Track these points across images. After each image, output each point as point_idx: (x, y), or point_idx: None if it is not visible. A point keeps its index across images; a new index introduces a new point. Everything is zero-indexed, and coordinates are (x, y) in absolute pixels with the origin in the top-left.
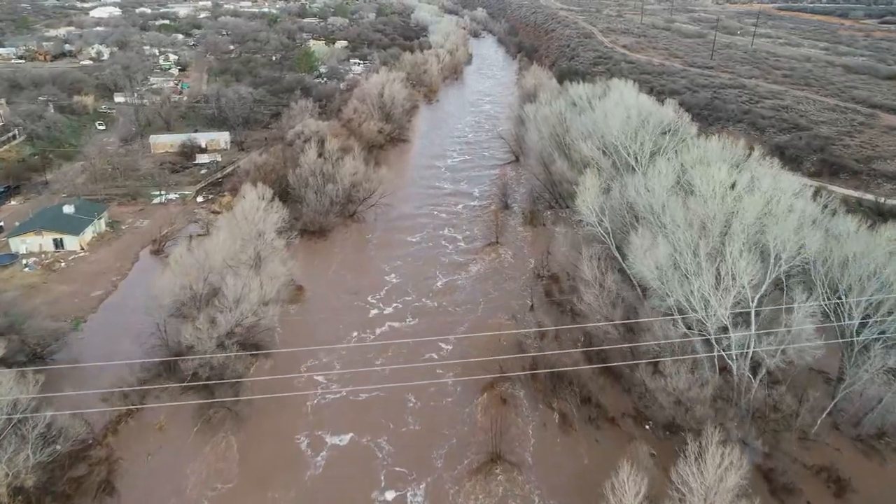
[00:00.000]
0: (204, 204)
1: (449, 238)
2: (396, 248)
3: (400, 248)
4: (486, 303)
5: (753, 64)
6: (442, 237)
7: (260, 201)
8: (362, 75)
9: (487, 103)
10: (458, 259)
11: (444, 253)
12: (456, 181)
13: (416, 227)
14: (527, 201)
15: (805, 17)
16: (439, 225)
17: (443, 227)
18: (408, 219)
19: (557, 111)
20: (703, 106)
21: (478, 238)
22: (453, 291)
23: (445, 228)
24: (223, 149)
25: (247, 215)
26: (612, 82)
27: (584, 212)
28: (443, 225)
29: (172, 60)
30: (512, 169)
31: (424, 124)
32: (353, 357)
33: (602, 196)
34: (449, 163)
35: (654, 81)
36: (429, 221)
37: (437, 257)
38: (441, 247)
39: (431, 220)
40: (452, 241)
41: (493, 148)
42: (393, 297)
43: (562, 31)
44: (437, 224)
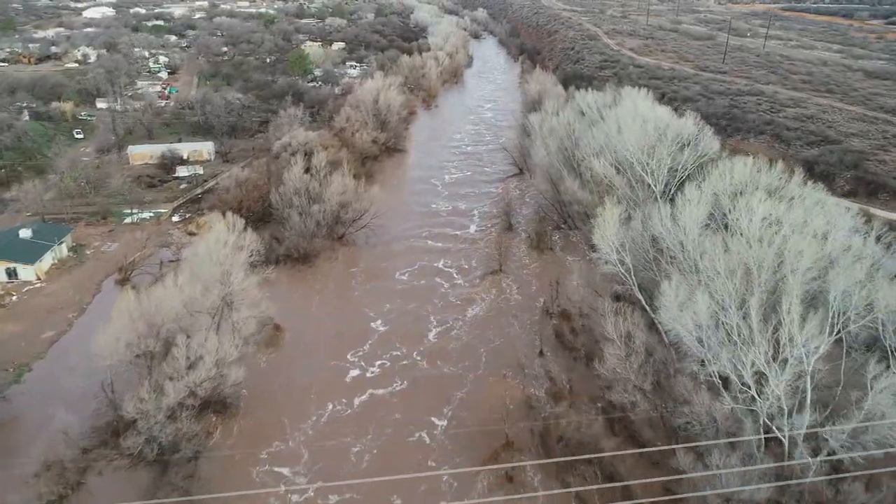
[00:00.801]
0: (180, 224)
1: (444, 272)
2: (385, 283)
3: (389, 284)
4: (487, 352)
5: (768, 68)
6: (437, 271)
7: (229, 234)
8: (357, 80)
9: (488, 110)
10: (454, 299)
11: (438, 291)
12: (454, 200)
13: (409, 257)
14: (533, 221)
15: (809, 17)
16: (434, 255)
17: (438, 258)
18: (400, 245)
19: (565, 122)
20: (721, 115)
21: (477, 269)
22: (449, 341)
23: (441, 259)
24: (206, 160)
25: (212, 253)
26: (625, 91)
27: (603, 248)
28: (438, 254)
29: (162, 63)
30: (516, 183)
31: (422, 132)
32: (326, 438)
33: (621, 227)
34: (446, 178)
35: (664, 87)
36: (423, 250)
37: (431, 296)
38: (436, 283)
39: (426, 248)
40: (448, 276)
41: (494, 161)
42: (378, 352)
43: (565, 33)
44: (431, 254)
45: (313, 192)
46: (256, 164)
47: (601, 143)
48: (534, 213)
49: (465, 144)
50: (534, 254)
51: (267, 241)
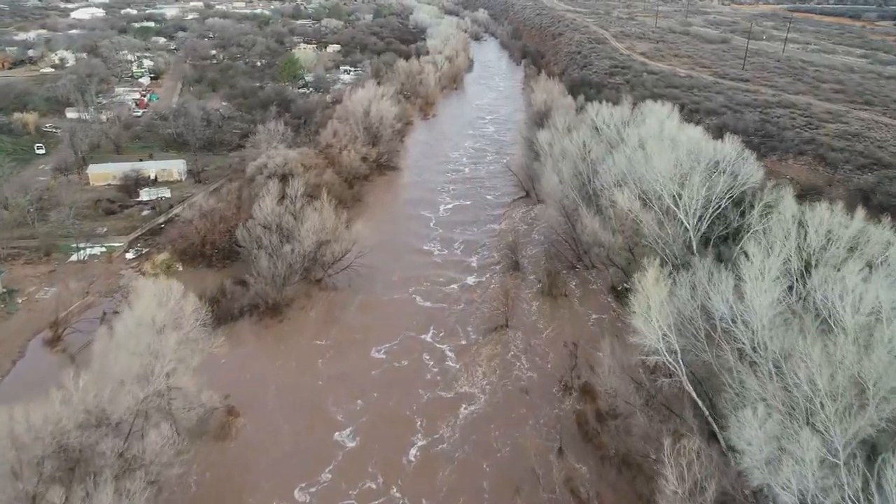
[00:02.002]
0: (135, 261)
1: (435, 350)
2: (360, 362)
3: (364, 365)
4: (492, 469)
5: (792, 75)
6: (424, 345)
7: (158, 308)
8: (350, 87)
9: (490, 122)
10: (445, 390)
11: (425, 376)
12: (449, 240)
13: (391, 323)
14: (543, 260)
15: (815, 18)
16: (422, 319)
17: (427, 324)
18: (384, 300)
19: (579, 143)
20: (753, 131)
21: (475, 338)
22: (440, 461)
23: (430, 328)
24: (177, 180)
25: (133, 333)
26: (646, 106)
27: (647, 333)
28: (427, 319)
29: (146, 67)
30: (522, 210)
31: (418, 147)
32: None
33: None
34: (441, 212)
35: (683, 97)
36: (409, 313)
37: (416, 385)
38: (422, 364)
39: (413, 310)
40: (438, 354)
41: (497, 185)
42: (342, 486)
43: (571, 36)
44: (419, 318)
45: (287, 227)
46: (226, 189)
47: (623, 170)
48: (544, 250)
49: (464, 165)
50: (546, 302)
51: (229, 288)
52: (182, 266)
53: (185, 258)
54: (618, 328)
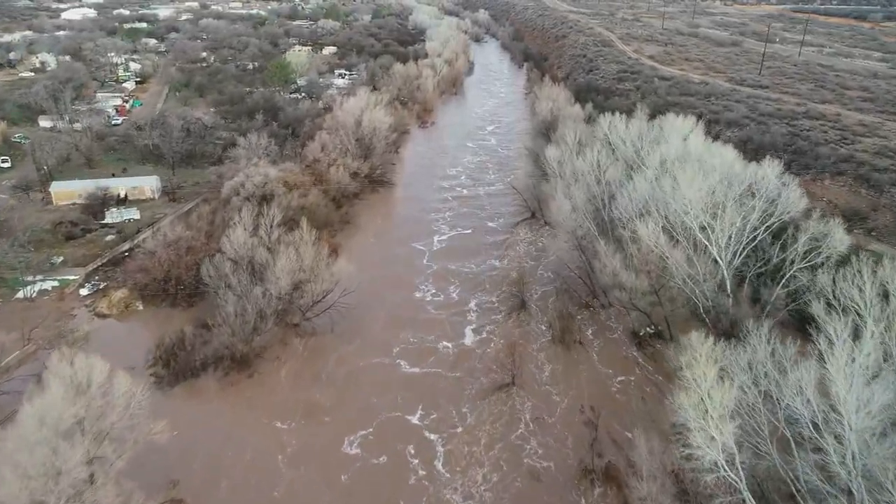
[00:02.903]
0: (90, 298)
1: (423, 443)
2: (327, 458)
3: (332, 463)
4: None
5: (813, 81)
6: (409, 431)
7: (74, 398)
8: (342, 93)
9: (491, 133)
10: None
11: (408, 480)
12: (444, 283)
13: (372, 397)
14: (553, 297)
15: (820, 18)
16: (409, 394)
17: (414, 401)
18: (363, 365)
19: (593, 162)
20: (782, 147)
21: (471, 414)
22: None
23: (418, 406)
24: (150, 199)
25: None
26: (667, 121)
27: (703, 444)
28: (414, 393)
29: (133, 70)
30: (528, 233)
31: (414, 161)
32: None
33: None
34: (437, 244)
35: (700, 106)
36: (392, 382)
37: (396, 497)
38: (404, 462)
39: (397, 380)
40: (427, 447)
41: (499, 208)
42: None
43: (575, 38)
44: (404, 392)
45: (261, 263)
46: (197, 214)
47: (644, 196)
48: (554, 286)
49: (464, 183)
50: (558, 353)
51: (189, 338)
52: (142, 304)
53: (146, 295)
54: (647, 394)
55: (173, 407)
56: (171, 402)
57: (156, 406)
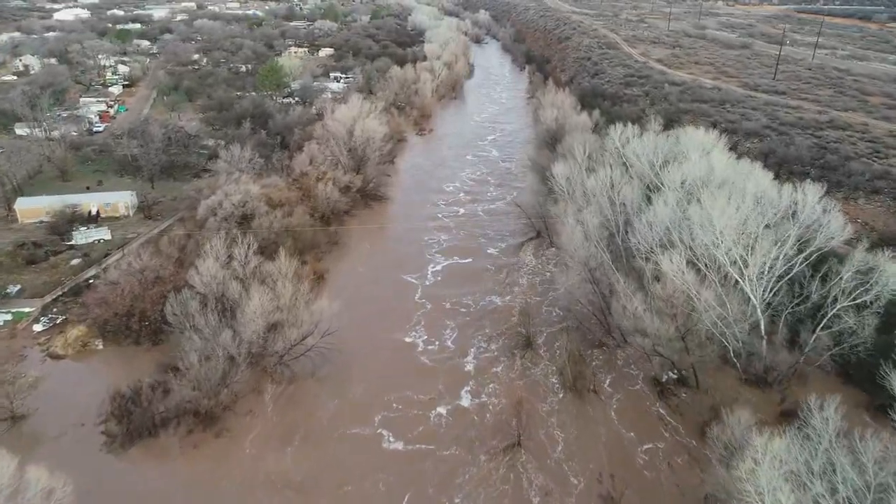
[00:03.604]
0: (45, 334)
1: None
2: None
3: None
4: None
5: (831, 86)
6: None
7: None
8: (333, 101)
9: (492, 144)
10: None
11: None
12: (438, 326)
13: (347, 488)
14: (563, 335)
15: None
16: (392, 480)
17: (398, 491)
18: (337, 432)
19: (605, 182)
20: (808, 161)
21: None
22: None
23: (403, 499)
24: (124, 216)
25: None
26: (685, 133)
27: None
28: (399, 480)
29: (122, 74)
30: (533, 257)
31: (410, 173)
32: None
33: None
34: (431, 276)
35: (715, 114)
36: (372, 466)
37: None
38: None
39: (377, 463)
40: None
41: (501, 233)
42: None
43: (579, 40)
44: (387, 479)
45: (233, 299)
46: (169, 237)
47: (665, 222)
48: (563, 324)
49: (462, 202)
50: (570, 403)
51: (146, 390)
52: (102, 343)
53: (107, 332)
54: (675, 461)
55: (125, 473)
56: (123, 466)
57: (105, 472)
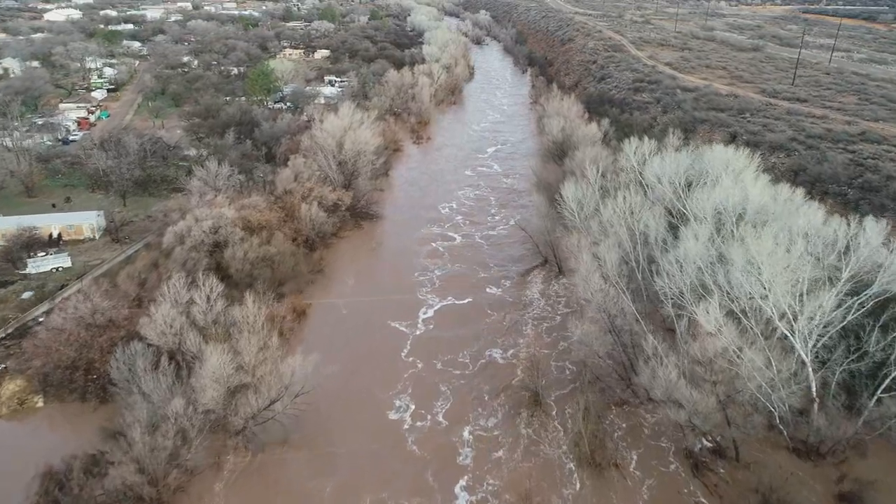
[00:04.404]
0: None
1: None
2: None
3: None
4: None
5: (854, 93)
6: None
7: None
8: (324, 108)
9: (493, 157)
10: None
11: None
12: (429, 393)
13: None
14: (577, 393)
15: (828, 19)
16: None
17: None
18: None
19: (624, 209)
20: (845, 180)
21: None
22: None
23: None
24: (89, 239)
25: None
26: (711, 151)
27: None
28: None
29: (108, 77)
30: (540, 294)
31: (405, 189)
32: None
33: None
34: (421, 323)
35: (735, 125)
36: None
37: None
38: None
39: None
40: None
41: (503, 264)
42: None
43: (583, 42)
44: None
45: (191, 353)
46: (127, 273)
47: (695, 260)
48: (577, 381)
49: (460, 227)
50: (589, 482)
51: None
52: (43, 399)
53: (49, 387)
54: None
55: None
56: None
57: None
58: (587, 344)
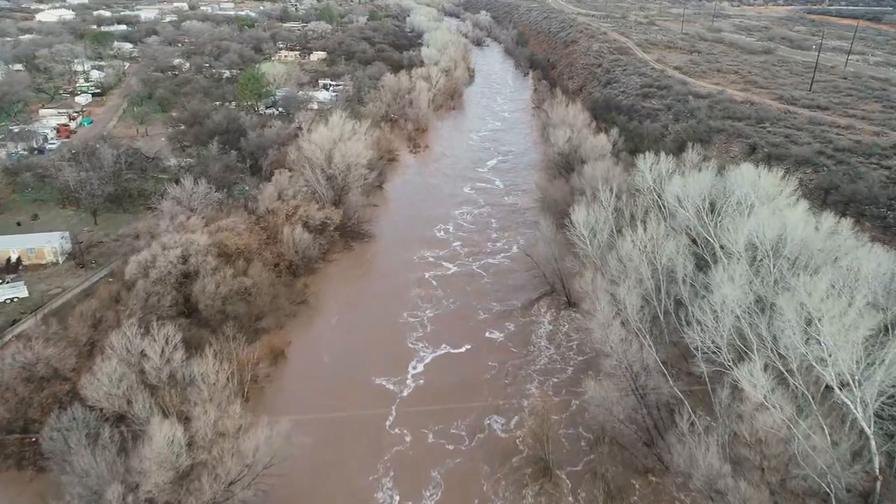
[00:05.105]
0: None
1: None
2: None
3: None
4: None
5: (876, 99)
6: None
7: None
8: (314, 116)
9: (494, 170)
10: None
11: None
12: (417, 481)
13: None
14: (596, 463)
15: (832, 20)
16: None
17: None
18: None
19: (646, 243)
20: (884, 201)
21: None
22: None
23: None
24: (52, 263)
25: None
26: (738, 172)
27: None
28: None
29: (95, 80)
30: (548, 333)
31: (399, 204)
32: None
33: None
34: (411, 380)
35: (753, 135)
36: None
37: None
38: None
39: None
40: None
41: (505, 299)
42: None
43: (587, 44)
44: None
45: (142, 419)
46: (80, 312)
47: (733, 308)
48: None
49: (457, 253)
50: None
51: None
52: None
53: None
54: None
55: None
56: None
57: None
58: (605, 407)
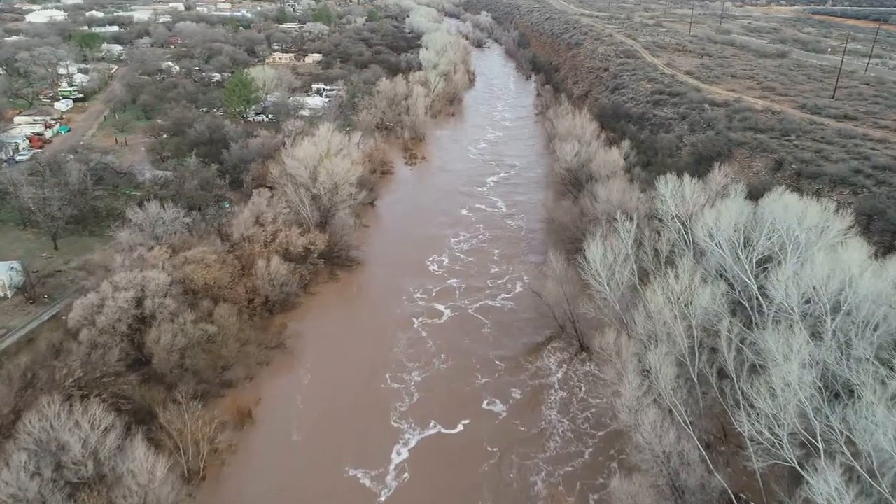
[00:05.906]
0: None
1: None
2: None
3: None
4: None
5: None
6: None
7: None
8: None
9: (495, 189)
10: None
11: None
12: None
13: None
14: None
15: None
16: None
17: None
18: None
19: (678, 296)
20: None
21: None
22: None
23: None
24: (0, 298)
25: None
26: (777, 203)
27: None
28: None
29: (78, 84)
30: (560, 378)
31: (391, 226)
32: None
33: None
34: (393, 470)
35: (779, 149)
36: None
37: None
38: None
39: None
40: None
41: (508, 355)
42: None
43: (592, 47)
44: None
45: None
46: (8, 371)
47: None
48: None
49: (451, 293)
50: None
51: None
52: None
53: None
54: None
55: None
56: None
57: None
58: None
